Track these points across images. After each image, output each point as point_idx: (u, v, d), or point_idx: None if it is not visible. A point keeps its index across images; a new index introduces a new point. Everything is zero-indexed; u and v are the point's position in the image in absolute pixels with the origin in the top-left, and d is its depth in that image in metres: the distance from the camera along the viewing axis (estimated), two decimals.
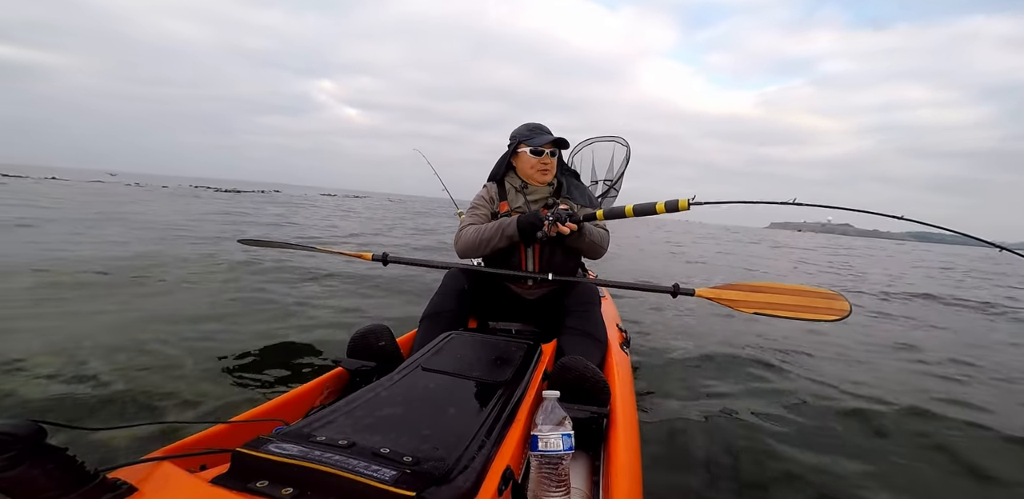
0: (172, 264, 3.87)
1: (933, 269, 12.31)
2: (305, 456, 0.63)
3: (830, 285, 6.22)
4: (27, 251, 3.92)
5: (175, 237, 5.61)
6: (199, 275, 3.56)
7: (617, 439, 0.96)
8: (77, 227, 5.78)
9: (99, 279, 3.15)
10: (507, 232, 1.55)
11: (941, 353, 2.98)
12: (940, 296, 6.04)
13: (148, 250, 4.51)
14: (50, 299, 2.58)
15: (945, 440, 1.70)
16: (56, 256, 3.81)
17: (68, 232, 5.30)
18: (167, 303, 2.71)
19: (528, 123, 1.71)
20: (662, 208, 1.47)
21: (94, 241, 4.80)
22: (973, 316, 4.86)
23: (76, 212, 7.76)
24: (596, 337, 1.46)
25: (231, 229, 7.19)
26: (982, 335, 3.86)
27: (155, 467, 0.66)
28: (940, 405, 2.00)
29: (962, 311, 5.13)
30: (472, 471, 0.67)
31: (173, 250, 4.58)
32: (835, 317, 1.74)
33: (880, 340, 3.23)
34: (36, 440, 0.53)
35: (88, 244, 4.58)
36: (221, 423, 0.88)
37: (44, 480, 0.52)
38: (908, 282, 7.97)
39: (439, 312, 1.52)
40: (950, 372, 2.57)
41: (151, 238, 5.34)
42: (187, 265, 3.89)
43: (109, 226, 6.22)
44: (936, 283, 8.30)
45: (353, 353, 1.28)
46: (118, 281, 3.15)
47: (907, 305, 5.25)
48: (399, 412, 0.84)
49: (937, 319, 4.43)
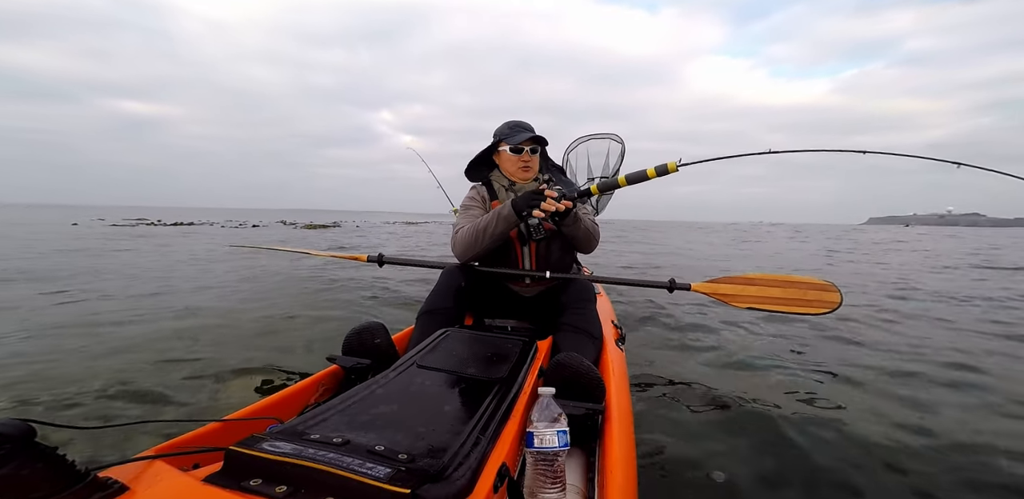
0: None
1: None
2: (299, 454, 0.63)
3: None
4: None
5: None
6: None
7: (612, 435, 0.96)
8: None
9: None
10: (503, 213, 1.52)
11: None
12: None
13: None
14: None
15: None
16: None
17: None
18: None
19: (510, 121, 1.70)
20: (652, 173, 1.49)
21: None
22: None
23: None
24: (591, 334, 1.46)
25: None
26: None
27: (147, 466, 0.65)
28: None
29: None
30: (467, 468, 0.67)
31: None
32: (825, 310, 1.77)
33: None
34: (26, 439, 0.52)
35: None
36: (214, 421, 0.88)
37: (34, 479, 0.52)
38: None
39: (435, 309, 1.52)
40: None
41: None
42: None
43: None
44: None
45: (348, 350, 1.28)
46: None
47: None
48: (394, 409, 0.83)
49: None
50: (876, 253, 11.46)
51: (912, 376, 2.22)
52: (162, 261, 6.22)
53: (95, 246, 8.45)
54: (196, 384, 1.77)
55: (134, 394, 1.67)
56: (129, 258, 6.54)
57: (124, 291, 3.89)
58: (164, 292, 3.90)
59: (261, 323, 2.80)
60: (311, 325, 2.79)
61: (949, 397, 2.00)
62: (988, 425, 1.73)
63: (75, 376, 1.83)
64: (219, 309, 3.21)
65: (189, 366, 1.96)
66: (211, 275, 4.99)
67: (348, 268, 5.53)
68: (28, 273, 4.79)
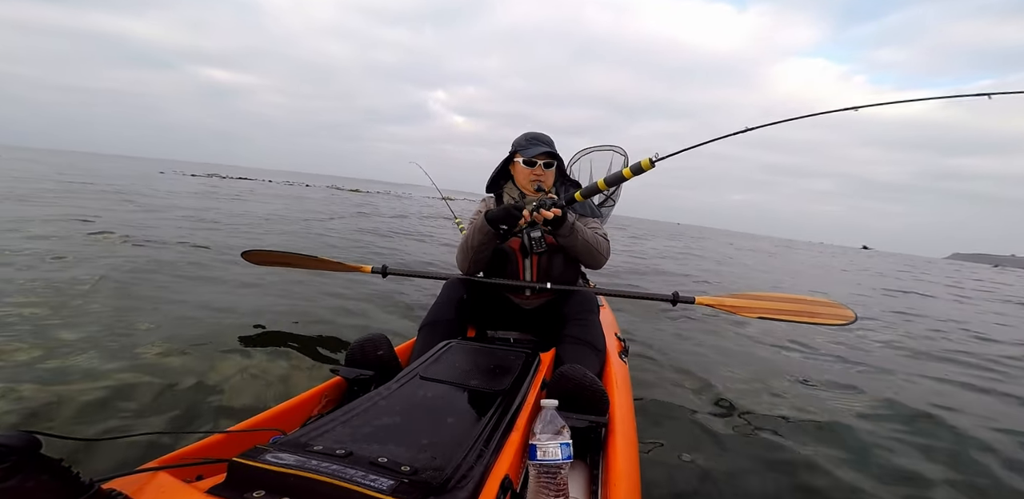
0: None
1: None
2: (302, 465, 0.63)
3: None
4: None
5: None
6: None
7: (615, 448, 0.95)
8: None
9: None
10: (478, 225, 1.55)
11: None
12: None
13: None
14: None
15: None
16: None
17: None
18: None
19: (528, 132, 1.71)
20: (629, 173, 1.48)
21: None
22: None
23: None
24: (595, 346, 1.46)
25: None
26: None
27: (151, 477, 0.65)
28: None
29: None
30: (470, 480, 0.67)
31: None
32: (841, 322, 1.74)
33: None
34: (31, 451, 0.53)
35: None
36: (218, 433, 0.88)
37: (39, 491, 0.52)
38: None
39: (438, 321, 1.52)
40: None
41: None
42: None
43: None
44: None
45: (351, 362, 1.28)
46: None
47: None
48: (397, 421, 0.83)
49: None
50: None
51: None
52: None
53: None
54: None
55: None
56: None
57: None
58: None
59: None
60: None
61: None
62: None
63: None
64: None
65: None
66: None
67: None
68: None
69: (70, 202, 6.86)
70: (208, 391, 1.66)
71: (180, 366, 1.78)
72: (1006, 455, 1.70)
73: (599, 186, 1.53)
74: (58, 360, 1.71)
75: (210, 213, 7.48)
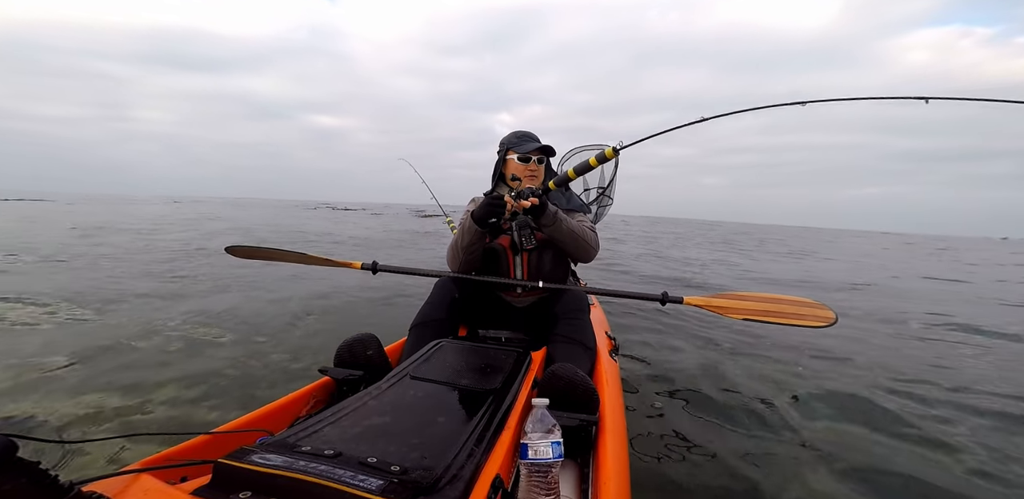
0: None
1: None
2: (290, 466, 0.62)
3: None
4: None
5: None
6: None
7: (606, 446, 0.95)
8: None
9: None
10: (466, 225, 1.57)
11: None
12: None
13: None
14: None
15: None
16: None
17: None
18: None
19: (517, 131, 1.74)
20: (595, 162, 1.50)
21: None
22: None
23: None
24: (585, 345, 1.46)
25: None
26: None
27: (133, 479, 0.64)
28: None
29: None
30: (461, 480, 0.66)
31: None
32: (822, 324, 1.78)
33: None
34: (7, 455, 0.51)
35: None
36: (203, 434, 0.86)
37: (16, 495, 0.51)
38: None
39: (428, 321, 1.51)
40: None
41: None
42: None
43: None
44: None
45: (340, 362, 1.27)
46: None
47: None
48: (387, 421, 0.82)
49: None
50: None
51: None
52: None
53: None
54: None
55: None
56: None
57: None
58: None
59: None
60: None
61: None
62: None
63: None
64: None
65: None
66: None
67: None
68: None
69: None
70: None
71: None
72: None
73: (570, 175, 1.56)
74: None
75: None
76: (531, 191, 1.46)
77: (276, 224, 14.22)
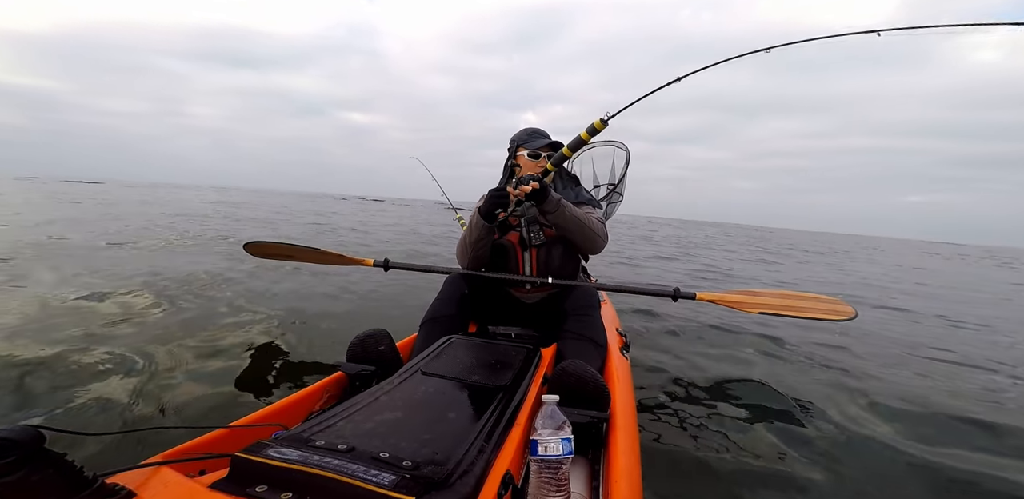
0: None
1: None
2: (304, 461, 0.63)
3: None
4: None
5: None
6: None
7: (617, 444, 0.96)
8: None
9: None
10: (474, 221, 1.59)
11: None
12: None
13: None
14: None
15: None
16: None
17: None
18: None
19: (527, 128, 1.75)
20: (586, 136, 1.51)
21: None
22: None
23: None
24: (596, 341, 1.46)
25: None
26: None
27: (154, 472, 0.66)
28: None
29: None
30: (472, 476, 0.67)
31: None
32: (842, 318, 1.74)
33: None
34: (35, 446, 0.53)
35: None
36: (220, 428, 0.88)
37: (43, 485, 0.52)
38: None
39: (439, 317, 1.52)
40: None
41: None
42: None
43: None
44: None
45: (353, 357, 1.28)
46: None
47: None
48: (398, 416, 0.83)
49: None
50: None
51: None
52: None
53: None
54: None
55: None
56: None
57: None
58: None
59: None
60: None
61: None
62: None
63: None
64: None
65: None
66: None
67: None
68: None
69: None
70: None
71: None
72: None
73: (565, 153, 1.58)
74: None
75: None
76: (531, 176, 1.47)
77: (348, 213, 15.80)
